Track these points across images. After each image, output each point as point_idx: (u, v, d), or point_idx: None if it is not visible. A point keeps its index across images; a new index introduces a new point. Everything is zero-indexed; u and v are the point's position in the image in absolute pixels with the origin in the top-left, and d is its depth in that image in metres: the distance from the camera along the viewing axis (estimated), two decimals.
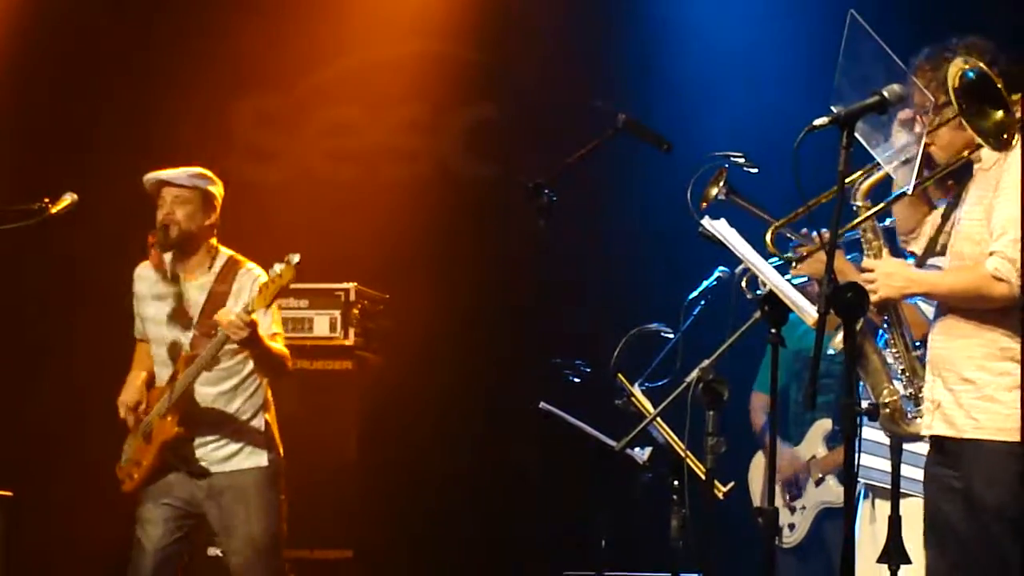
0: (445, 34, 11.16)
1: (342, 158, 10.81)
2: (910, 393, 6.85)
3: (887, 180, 6.92)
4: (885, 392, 6.83)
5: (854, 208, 6.85)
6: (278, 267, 8.37)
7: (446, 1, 11.35)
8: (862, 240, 6.94)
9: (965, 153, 6.71)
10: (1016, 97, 6.49)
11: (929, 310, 7.03)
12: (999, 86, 6.44)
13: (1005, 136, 6.48)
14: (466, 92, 11.10)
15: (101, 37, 11.33)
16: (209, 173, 8.93)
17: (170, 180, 8.86)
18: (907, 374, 6.87)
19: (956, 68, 6.43)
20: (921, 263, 7.10)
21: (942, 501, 6.70)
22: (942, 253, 7.03)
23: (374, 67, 11.01)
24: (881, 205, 6.87)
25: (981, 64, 6.39)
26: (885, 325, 6.98)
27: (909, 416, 6.78)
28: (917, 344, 7.01)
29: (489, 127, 10.94)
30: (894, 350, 6.90)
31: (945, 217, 6.97)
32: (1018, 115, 6.56)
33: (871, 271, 6.79)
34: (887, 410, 6.84)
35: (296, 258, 8.34)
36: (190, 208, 8.82)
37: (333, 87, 10.99)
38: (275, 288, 8.41)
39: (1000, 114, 6.45)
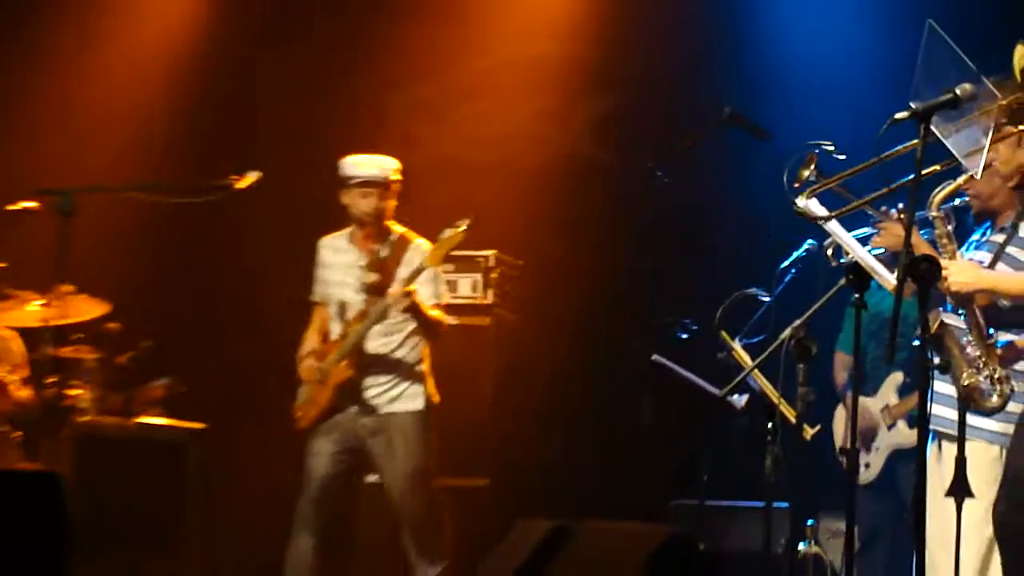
0: (571, 36, 11.10)
1: (482, 144, 10.81)
2: (986, 375, 6.90)
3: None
4: (964, 376, 6.90)
5: (930, 217, 6.99)
6: (448, 231, 8.73)
7: (571, 6, 11.28)
8: (938, 244, 7.06)
9: None
10: None
11: None
12: None
13: None
14: (589, 86, 11.05)
15: (280, 39, 11.39)
16: (385, 166, 9.20)
17: (368, 175, 9.18)
18: (982, 359, 6.92)
19: (1020, 51, 6.58)
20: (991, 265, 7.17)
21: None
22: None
23: (510, 65, 11.08)
24: (953, 186, 6.91)
25: None
26: (963, 317, 6.99)
27: (986, 395, 6.87)
28: (991, 332, 7.02)
29: (609, 116, 10.90)
30: (971, 339, 6.98)
31: (1015, 227, 7.14)
32: None
33: (946, 269, 6.78)
34: (967, 391, 6.89)
35: (465, 223, 8.74)
36: (382, 194, 9.18)
37: (475, 82, 11.04)
38: (446, 248, 8.82)
39: None
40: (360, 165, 9.15)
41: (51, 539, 6.00)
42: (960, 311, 7.01)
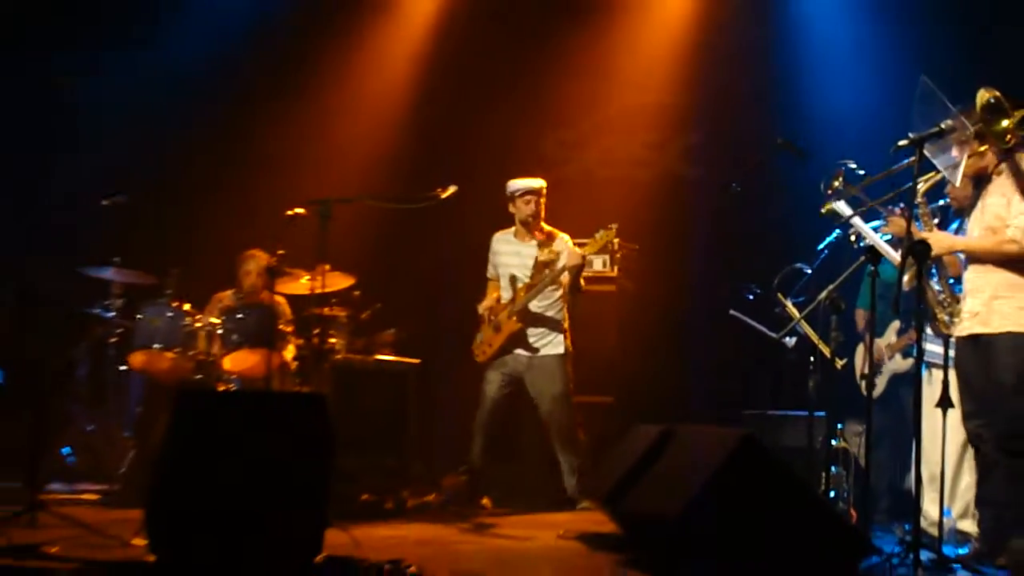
0: (664, 87, 11.03)
1: (609, 166, 10.89)
2: (948, 311, 7.12)
3: (941, 183, 7.22)
4: (936, 310, 7.12)
5: (916, 201, 7.04)
6: (602, 231, 8.90)
7: (663, 64, 11.01)
8: (921, 221, 7.16)
9: (990, 168, 6.96)
10: (1018, 113, 6.68)
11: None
12: (1005, 105, 6.64)
13: (1008, 137, 6.73)
14: (679, 123, 11.03)
15: (473, 94, 11.35)
16: (541, 183, 9.37)
17: (529, 187, 9.38)
18: (945, 298, 7.15)
19: (981, 95, 6.69)
20: (958, 231, 7.29)
21: (971, 373, 6.98)
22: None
23: (625, 110, 11.09)
24: (932, 180, 7.12)
25: (996, 92, 6.65)
26: (935, 269, 7.18)
27: (948, 323, 7.06)
28: (952, 281, 7.22)
29: (695, 144, 10.94)
30: (938, 285, 7.18)
31: (973, 205, 7.14)
32: (1012, 124, 6.71)
33: (929, 237, 6.84)
34: (938, 321, 7.11)
35: (615, 226, 8.88)
36: (538, 202, 9.38)
37: (602, 123, 11.03)
38: (603, 241, 8.95)
39: (1005, 123, 6.69)
40: (523, 182, 9.40)
41: (319, 438, 6.11)
42: (933, 271, 7.16)
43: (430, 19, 11.75)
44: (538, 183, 9.45)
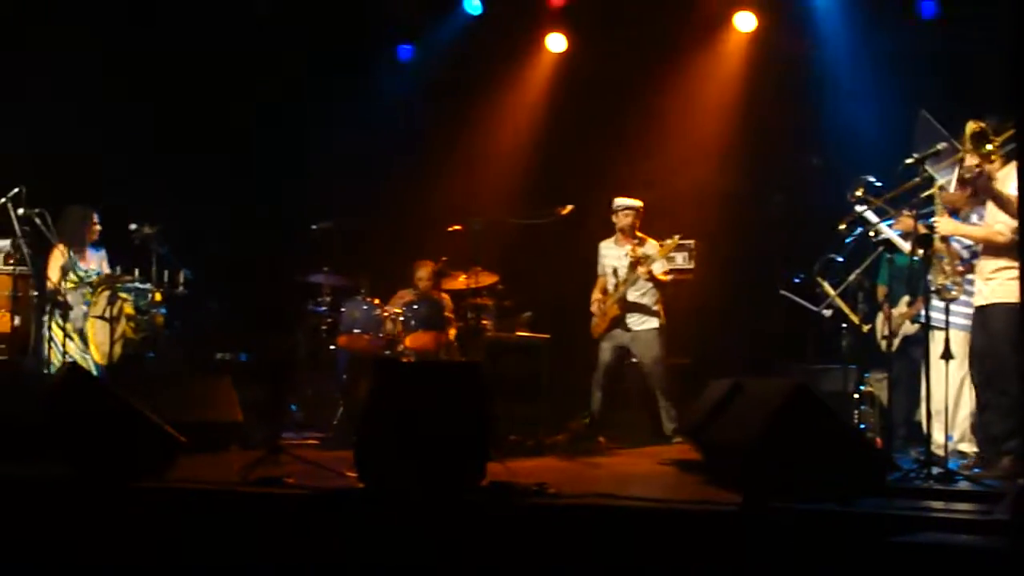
0: (721, 118, 10.63)
1: (684, 184, 10.57)
2: (952, 280, 7.02)
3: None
4: (939, 279, 6.99)
5: (935, 202, 6.98)
6: (669, 240, 8.92)
7: (721, 99, 10.73)
8: (937, 212, 7.00)
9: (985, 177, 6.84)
10: (996, 139, 6.55)
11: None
12: (989, 133, 6.55)
13: (992, 157, 6.61)
14: (733, 150, 10.59)
15: (584, 126, 11.07)
16: (637, 202, 9.32)
17: (628, 204, 9.34)
18: (947, 271, 7.03)
19: (970, 126, 6.61)
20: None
21: (977, 336, 7.04)
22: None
23: (693, 143, 10.75)
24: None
25: (981, 123, 6.56)
26: (944, 248, 7.06)
27: (950, 291, 6.97)
28: (960, 261, 7.14)
29: (747, 165, 10.60)
30: (944, 261, 7.04)
31: (966, 217, 7.16)
32: (994, 147, 6.59)
33: (938, 222, 6.92)
34: (942, 290, 6.98)
35: (677, 237, 8.92)
36: (634, 215, 9.34)
37: (678, 155, 10.72)
38: (669, 248, 8.94)
39: (988, 146, 6.58)
40: (623, 200, 9.39)
41: (477, 395, 6.14)
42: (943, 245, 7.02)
43: (550, 70, 11.56)
44: (635, 202, 9.44)
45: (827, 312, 8.52)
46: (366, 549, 5.47)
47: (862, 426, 8.08)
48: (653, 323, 9.34)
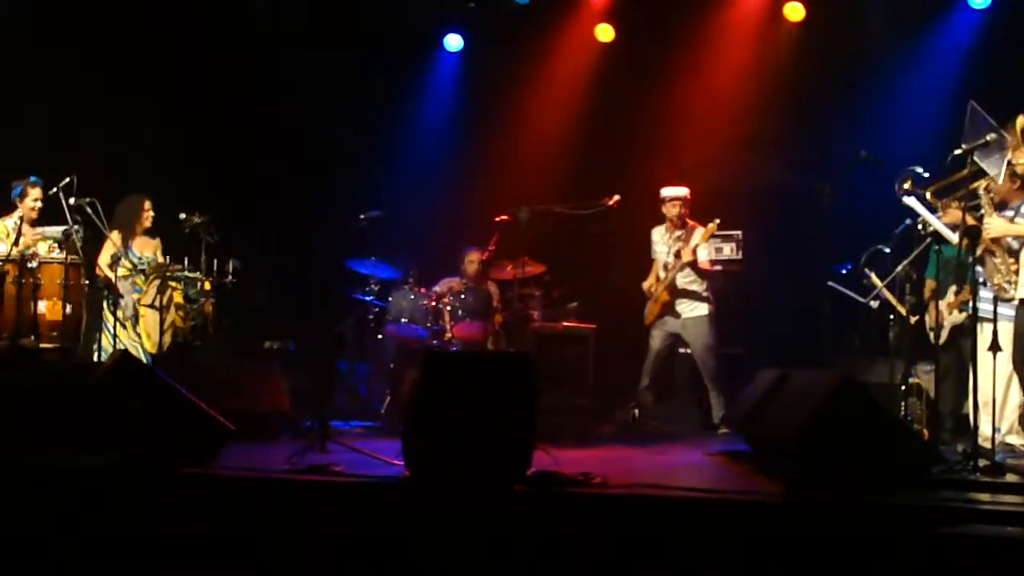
0: (762, 116, 10.65)
1: (728, 176, 10.49)
2: (1008, 279, 7.03)
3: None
4: (996, 278, 7.05)
5: (979, 195, 6.99)
6: (711, 224, 8.92)
7: (753, 94, 10.67)
8: (985, 210, 7.01)
9: None
10: None
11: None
12: None
13: None
14: (779, 143, 10.58)
15: (630, 121, 11.00)
16: (685, 191, 9.28)
17: (675, 194, 9.35)
18: (1004, 271, 7.06)
19: (1020, 120, 6.67)
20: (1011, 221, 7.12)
21: (1021, 328, 6.99)
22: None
23: (738, 139, 10.71)
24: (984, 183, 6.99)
25: None
26: (996, 247, 7.07)
27: (1007, 291, 6.99)
28: (1012, 258, 7.09)
29: (793, 156, 10.50)
30: (997, 261, 7.07)
31: (1017, 209, 7.12)
32: None
33: (988, 222, 6.92)
34: (997, 288, 7.01)
35: (717, 221, 8.91)
36: (682, 204, 9.35)
37: (720, 150, 10.62)
38: (708, 234, 8.92)
39: None
40: (670, 190, 9.40)
41: (524, 384, 6.08)
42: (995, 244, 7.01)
43: (597, 60, 11.50)
44: (683, 191, 9.45)
45: (874, 303, 8.51)
46: (412, 537, 5.51)
47: (908, 418, 8.05)
48: (703, 309, 9.35)
